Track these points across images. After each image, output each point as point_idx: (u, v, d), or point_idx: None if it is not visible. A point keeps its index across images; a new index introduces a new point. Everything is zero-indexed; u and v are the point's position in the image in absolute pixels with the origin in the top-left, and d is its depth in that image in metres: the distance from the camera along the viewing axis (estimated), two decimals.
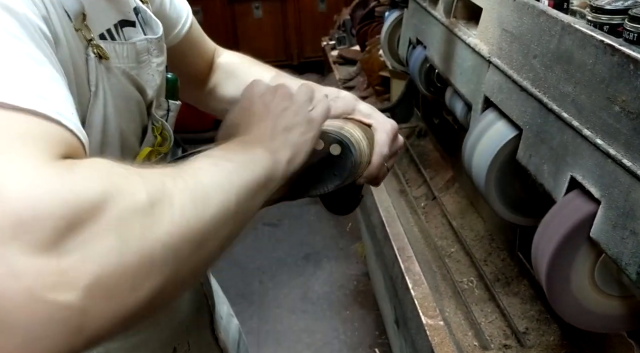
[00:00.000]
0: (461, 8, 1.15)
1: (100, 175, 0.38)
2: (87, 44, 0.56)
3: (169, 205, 0.42)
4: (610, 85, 0.63)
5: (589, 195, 0.67)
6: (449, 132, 1.55)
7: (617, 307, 0.73)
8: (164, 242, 0.41)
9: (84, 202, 0.36)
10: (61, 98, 0.43)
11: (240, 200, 0.51)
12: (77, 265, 0.35)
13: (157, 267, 0.40)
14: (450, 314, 1.11)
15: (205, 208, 0.46)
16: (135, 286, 0.38)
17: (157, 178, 0.43)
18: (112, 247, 0.37)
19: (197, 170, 0.49)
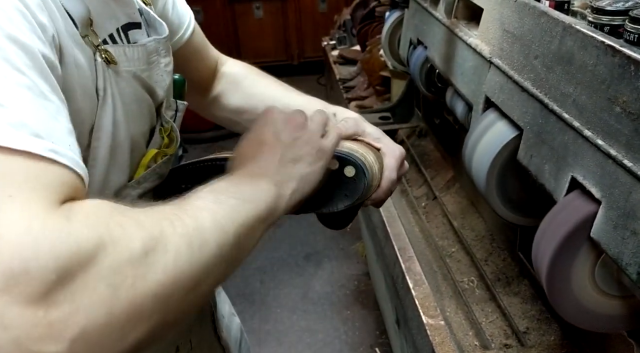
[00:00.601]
0: (462, 8, 1.15)
1: (96, 224, 0.39)
2: (95, 50, 0.56)
3: (163, 253, 0.42)
4: (611, 86, 0.64)
5: (589, 196, 0.68)
6: (450, 132, 1.55)
7: (617, 306, 0.73)
8: (155, 292, 0.41)
9: (77, 254, 0.36)
10: (59, 132, 0.43)
11: (239, 238, 0.52)
12: (65, 317, 0.35)
13: (145, 316, 0.40)
14: (451, 314, 1.12)
15: (202, 252, 0.46)
16: (122, 336, 0.39)
17: (155, 223, 0.44)
18: (102, 298, 0.37)
19: (199, 210, 0.49)
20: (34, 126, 0.41)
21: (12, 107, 0.40)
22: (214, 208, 0.50)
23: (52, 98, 0.45)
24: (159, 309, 0.41)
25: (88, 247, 0.37)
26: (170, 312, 0.43)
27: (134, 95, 0.62)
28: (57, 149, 0.42)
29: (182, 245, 0.44)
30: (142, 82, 0.64)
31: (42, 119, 0.42)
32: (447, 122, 1.55)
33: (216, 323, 0.89)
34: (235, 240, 0.51)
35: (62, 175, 0.41)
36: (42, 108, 0.43)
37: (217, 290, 0.95)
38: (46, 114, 0.43)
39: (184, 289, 0.44)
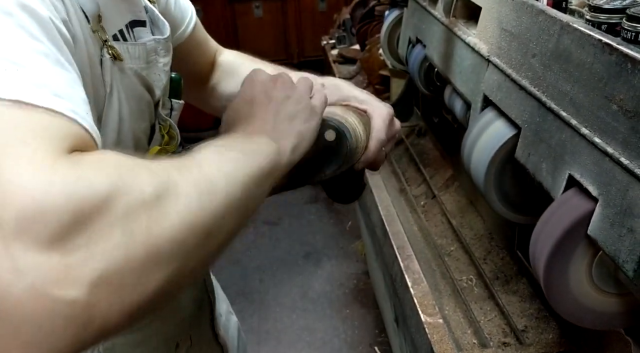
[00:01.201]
0: (460, 7, 1.15)
1: (107, 169, 0.38)
2: (103, 45, 0.56)
3: (175, 197, 0.41)
4: (608, 84, 0.64)
5: (586, 193, 0.68)
6: (449, 130, 1.55)
7: (614, 304, 0.73)
8: (171, 235, 0.40)
9: (90, 197, 0.35)
10: (77, 98, 0.43)
11: (246, 189, 0.51)
12: (83, 261, 0.34)
13: (163, 260, 0.40)
14: (449, 312, 1.12)
15: (211, 198, 0.45)
16: (141, 280, 0.38)
17: (163, 170, 0.43)
18: (119, 242, 0.36)
19: (202, 160, 0.49)
20: (55, 87, 0.41)
21: (32, 68, 0.40)
22: (218, 159, 0.50)
23: (68, 67, 0.45)
24: (176, 254, 0.41)
25: (101, 189, 0.36)
26: (186, 258, 0.42)
27: (135, 92, 0.63)
28: (77, 110, 0.41)
29: (192, 191, 0.43)
30: (142, 79, 0.64)
31: (61, 83, 0.42)
32: (446, 121, 1.56)
33: (214, 322, 0.89)
34: (242, 189, 0.50)
35: (80, 134, 0.41)
36: (60, 74, 0.42)
37: (215, 287, 0.95)
38: (64, 80, 0.43)
39: (198, 235, 0.43)
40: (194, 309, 0.81)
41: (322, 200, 3.15)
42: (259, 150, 0.56)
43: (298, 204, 3.10)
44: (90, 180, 0.36)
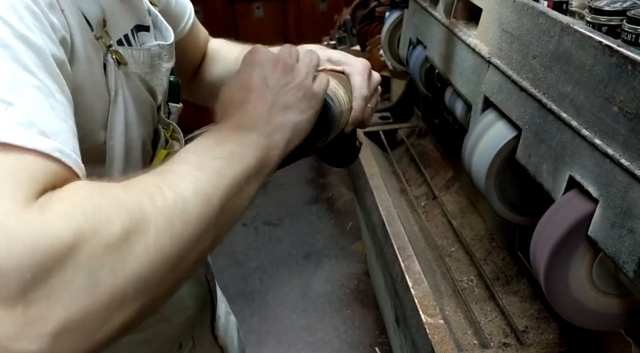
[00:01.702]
0: (461, 8, 1.15)
1: (74, 213, 0.38)
2: (107, 50, 0.57)
3: (144, 234, 0.41)
4: (608, 86, 0.64)
5: (587, 194, 0.68)
6: (449, 131, 1.55)
7: (615, 305, 0.73)
8: (137, 275, 0.40)
9: (54, 247, 0.35)
10: (64, 132, 0.43)
11: (225, 203, 0.50)
12: (44, 314, 0.35)
13: (128, 300, 0.40)
14: (450, 313, 1.12)
15: (184, 227, 0.45)
16: (106, 321, 0.38)
17: (135, 201, 0.43)
18: (82, 289, 0.36)
19: (181, 179, 0.48)
20: (43, 125, 0.41)
21: (21, 106, 0.40)
22: (197, 175, 0.49)
23: (59, 98, 0.45)
24: (142, 290, 0.41)
25: (65, 238, 0.36)
26: (154, 291, 0.42)
27: (140, 97, 0.63)
28: (63, 149, 0.42)
29: (162, 222, 0.43)
30: (145, 84, 0.65)
31: (49, 119, 0.42)
32: (447, 122, 1.56)
33: (214, 323, 0.89)
34: (221, 206, 0.50)
35: (57, 171, 0.41)
36: (50, 108, 0.43)
37: (216, 289, 0.96)
38: (54, 114, 0.43)
39: (167, 267, 0.43)
40: (197, 309, 0.82)
41: (322, 200, 3.15)
42: (246, 153, 0.55)
43: (298, 204, 3.10)
44: (54, 229, 0.36)
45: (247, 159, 0.54)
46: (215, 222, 0.49)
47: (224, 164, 0.52)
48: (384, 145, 1.77)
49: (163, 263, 0.43)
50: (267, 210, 3.02)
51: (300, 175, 3.34)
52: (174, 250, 0.44)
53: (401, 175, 1.66)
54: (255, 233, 2.90)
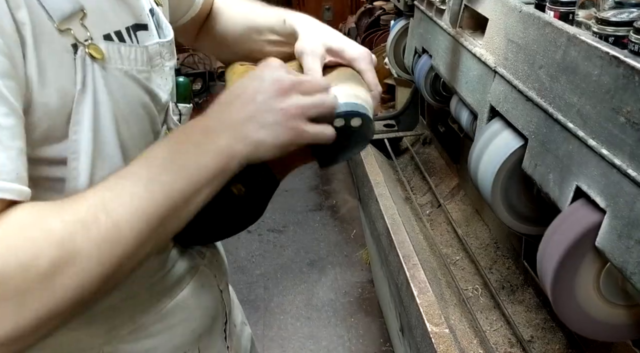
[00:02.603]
0: (467, 18, 1.16)
1: (2, 253, 0.43)
2: (79, 44, 0.56)
3: (73, 264, 0.46)
4: (615, 96, 0.64)
5: (594, 205, 0.68)
6: (454, 140, 1.56)
7: (622, 315, 0.73)
8: (64, 299, 0.46)
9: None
10: (8, 163, 0.47)
11: (169, 216, 0.53)
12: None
13: (55, 318, 0.47)
14: (455, 322, 1.12)
15: (116, 248, 0.49)
16: (36, 332, 0.46)
17: (67, 234, 0.47)
18: (10, 314, 0.43)
19: (121, 201, 0.51)
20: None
21: None
22: (141, 194, 0.52)
23: (5, 123, 0.47)
24: (70, 309, 0.47)
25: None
26: (83, 306, 0.48)
27: (123, 94, 0.62)
28: (4, 186, 0.46)
29: (94, 250, 0.48)
30: (138, 82, 0.64)
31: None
32: (452, 130, 1.56)
33: (227, 332, 0.88)
34: (162, 221, 0.53)
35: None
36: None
37: (232, 298, 0.95)
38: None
39: (98, 284, 0.49)
40: (208, 321, 0.81)
41: (327, 207, 3.15)
42: (202, 162, 0.56)
43: (303, 212, 3.11)
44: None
45: (201, 170, 0.56)
46: (156, 236, 0.53)
47: (175, 177, 0.55)
48: (389, 153, 1.78)
49: (92, 284, 0.48)
50: (271, 217, 3.02)
51: (305, 182, 3.35)
52: (106, 270, 0.49)
53: (406, 183, 1.66)
54: (259, 240, 2.90)
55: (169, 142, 0.58)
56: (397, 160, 1.77)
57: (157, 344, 0.73)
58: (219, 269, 0.86)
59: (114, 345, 0.69)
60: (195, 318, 0.78)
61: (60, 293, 0.46)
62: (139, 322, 0.71)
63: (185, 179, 0.55)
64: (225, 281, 0.88)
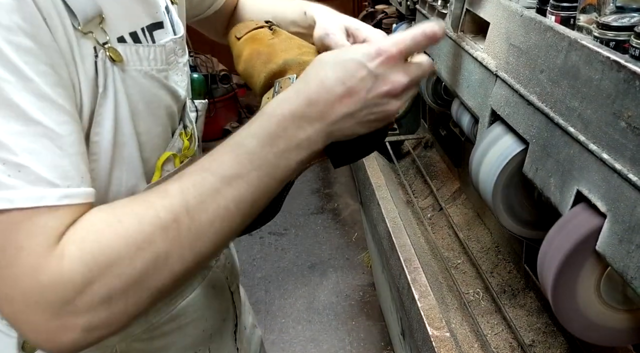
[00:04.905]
0: (468, 22, 1.16)
1: (84, 260, 0.47)
2: (100, 47, 0.57)
3: (154, 266, 0.49)
4: (616, 101, 0.64)
5: (595, 209, 0.68)
6: (456, 143, 1.56)
7: (623, 320, 0.73)
8: (149, 294, 0.49)
9: (72, 286, 0.47)
10: (73, 168, 0.49)
11: (251, 210, 0.54)
12: (73, 322, 0.47)
13: (143, 305, 0.51)
14: (456, 326, 1.12)
15: (196, 247, 0.51)
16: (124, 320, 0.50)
17: (146, 236, 0.48)
18: (99, 308, 0.48)
19: (203, 200, 0.51)
20: (51, 175, 0.47)
21: (31, 164, 0.46)
22: (224, 192, 0.52)
23: (66, 130, 0.49)
24: (155, 299, 0.50)
25: (81, 279, 0.47)
26: (166, 295, 0.52)
27: (142, 95, 0.62)
28: (70, 192, 0.48)
29: (173, 251, 0.49)
30: (158, 82, 0.64)
31: (58, 163, 0.48)
32: (453, 134, 1.56)
33: (237, 334, 0.89)
34: (243, 217, 0.54)
35: (68, 213, 0.48)
36: (58, 149, 0.48)
37: (243, 300, 0.96)
38: (61, 154, 0.48)
39: (177, 280, 0.51)
40: (218, 322, 0.82)
41: (328, 211, 3.15)
42: (289, 158, 0.55)
43: (304, 215, 3.11)
44: (71, 273, 0.47)
45: (289, 164, 0.55)
46: (237, 228, 0.54)
47: (262, 175, 0.54)
48: (390, 157, 1.78)
49: (174, 279, 0.50)
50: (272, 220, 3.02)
51: (306, 185, 3.35)
52: (186, 268, 0.51)
53: (407, 186, 1.66)
54: (261, 243, 2.90)
55: (257, 131, 0.55)
56: (398, 164, 1.77)
57: (169, 343, 0.74)
58: (231, 271, 0.87)
59: (127, 343, 0.70)
60: (207, 318, 0.79)
61: (144, 291, 0.49)
62: (152, 321, 0.72)
63: (272, 177, 0.54)
64: (236, 283, 0.89)
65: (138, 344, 0.71)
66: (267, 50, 0.70)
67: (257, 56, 0.71)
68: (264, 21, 0.78)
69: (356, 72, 0.56)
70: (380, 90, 0.57)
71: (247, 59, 0.72)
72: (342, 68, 0.57)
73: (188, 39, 0.84)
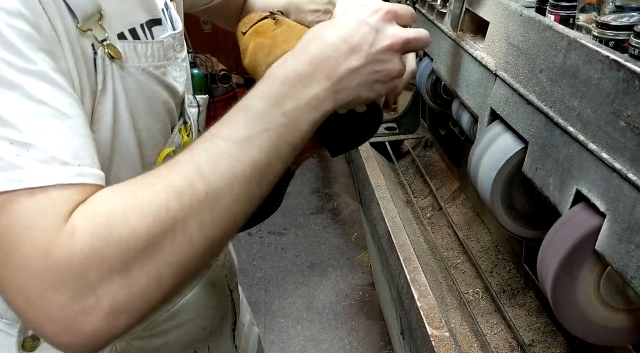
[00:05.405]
0: (468, 22, 1.16)
1: (98, 229, 0.44)
2: (99, 44, 0.56)
3: (171, 233, 0.46)
4: (615, 101, 0.64)
5: (594, 209, 0.68)
6: (456, 143, 1.56)
7: (623, 320, 0.73)
8: (169, 265, 0.46)
9: (86, 262, 0.44)
10: (84, 150, 0.47)
11: (266, 176, 0.51)
12: (94, 304, 0.44)
13: (166, 282, 0.47)
14: (456, 326, 1.12)
15: (216, 214, 0.48)
16: (148, 302, 0.46)
17: (160, 203, 0.46)
18: (119, 284, 0.44)
19: (217, 163, 0.49)
20: (62, 155, 0.45)
21: (41, 143, 0.44)
22: (237, 156, 0.49)
23: (73, 112, 0.47)
24: (177, 274, 0.47)
25: (96, 254, 0.44)
26: (189, 271, 0.48)
27: (141, 92, 0.62)
28: (83, 171, 0.46)
29: (191, 217, 0.47)
30: (156, 78, 0.64)
31: (68, 143, 0.46)
32: (453, 134, 1.56)
33: (236, 332, 0.89)
34: (260, 182, 0.51)
35: (80, 192, 0.46)
36: (68, 130, 0.46)
37: (241, 298, 0.96)
38: (71, 135, 0.46)
39: (202, 252, 0.48)
40: (217, 320, 0.82)
41: (328, 210, 3.15)
42: (301, 118, 0.53)
43: (304, 215, 3.11)
44: (84, 248, 0.44)
45: (299, 126, 0.53)
46: (255, 195, 0.51)
47: (272, 136, 0.51)
48: (390, 156, 1.78)
49: (195, 250, 0.47)
50: (272, 219, 3.02)
51: (306, 185, 3.35)
52: (207, 236, 0.48)
53: (407, 186, 1.66)
54: (260, 243, 2.90)
55: (264, 93, 0.54)
56: (398, 164, 1.77)
57: (169, 341, 0.74)
58: (230, 269, 0.87)
59: (128, 342, 0.70)
60: (206, 317, 0.79)
61: (165, 260, 0.46)
62: (152, 320, 0.72)
63: (283, 139, 0.52)
64: (235, 281, 0.89)
65: (138, 342, 0.71)
66: (269, 43, 0.70)
67: (260, 49, 0.71)
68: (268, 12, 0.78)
69: (358, 29, 0.56)
70: (383, 44, 0.56)
71: (251, 52, 0.72)
72: (344, 27, 0.56)
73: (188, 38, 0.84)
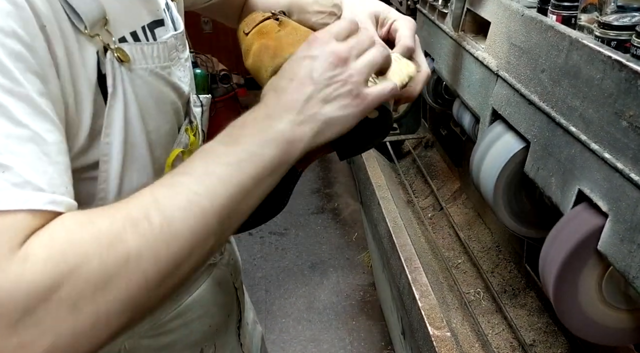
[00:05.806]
0: (469, 22, 1.16)
1: (54, 258, 0.42)
2: (107, 48, 0.56)
3: (125, 264, 0.44)
4: (617, 100, 0.64)
5: (596, 209, 0.68)
6: (456, 143, 1.56)
7: (624, 319, 0.73)
8: (120, 298, 0.44)
9: (35, 292, 0.41)
10: (58, 177, 0.46)
11: (227, 210, 0.50)
12: (34, 339, 0.41)
13: (114, 318, 0.44)
14: (457, 325, 1.12)
15: (171, 246, 0.47)
16: (92, 339, 0.44)
17: (116, 234, 0.45)
18: (65, 318, 0.42)
19: (174, 196, 0.48)
20: (37, 180, 0.44)
21: (17, 166, 0.44)
22: (195, 189, 0.49)
23: (52, 138, 0.47)
24: (128, 309, 0.45)
25: (44, 282, 0.41)
26: (142, 305, 0.46)
27: (149, 93, 0.62)
28: (55, 198, 0.45)
29: (145, 249, 0.45)
30: (163, 79, 0.64)
31: (43, 169, 0.45)
32: (454, 133, 1.56)
33: (240, 330, 0.89)
34: (220, 216, 0.50)
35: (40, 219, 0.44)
36: (44, 156, 0.46)
37: (244, 297, 0.97)
38: (47, 161, 0.46)
39: (153, 285, 0.46)
40: (223, 318, 0.82)
41: (328, 210, 3.15)
42: (262, 154, 0.53)
43: (304, 215, 3.10)
44: (34, 275, 0.41)
45: (262, 160, 0.53)
46: (215, 231, 0.50)
47: (232, 170, 0.51)
48: (391, 156, 1.78)
49: (147, 285, 0.46)
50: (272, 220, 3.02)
51: (307, 185, 3.35)
52: (160, 271, 0.46)
53: (408, 186, 1.66)
54: (261, 243, 2.90)
55: (225, 135, 0.55)
56: (399, 164, 1.77)
57: (176, 339, 0.74)
58: (234, 268, 0.87)
59: (135, 340, 0.70)
60: (212, 314, 0.79)
61: (114, 293, 0.44)
62: (158, 318, 0.72)
63: (245, 172, 0.52)
64: (240, 279, 0.90)
65: (145, 341, 0.71)
66: (274, 44, 0.70)
67: (265, 50, 0.70)
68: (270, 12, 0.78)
69: (297, 66, 0.58)
70: (324, 64, 0.57)
71: (255, 53, 0.72)
72: (287, 70, 0.59)
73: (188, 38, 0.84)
